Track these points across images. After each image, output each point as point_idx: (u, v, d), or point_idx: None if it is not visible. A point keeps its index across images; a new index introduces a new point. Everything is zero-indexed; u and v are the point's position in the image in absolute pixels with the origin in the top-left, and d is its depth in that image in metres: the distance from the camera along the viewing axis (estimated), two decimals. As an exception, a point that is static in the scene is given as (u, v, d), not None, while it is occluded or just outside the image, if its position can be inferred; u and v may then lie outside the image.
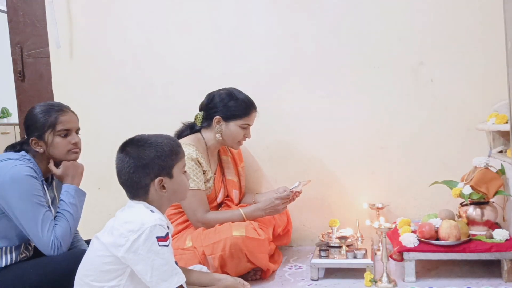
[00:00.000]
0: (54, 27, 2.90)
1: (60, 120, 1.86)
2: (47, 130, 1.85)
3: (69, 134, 1.89)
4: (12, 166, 1.76)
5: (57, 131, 1.86)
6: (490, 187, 2.20)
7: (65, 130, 1.88)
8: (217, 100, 2.38)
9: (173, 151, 1.58)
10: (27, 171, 1.77)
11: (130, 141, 1.59)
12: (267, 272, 2.23)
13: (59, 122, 1.86)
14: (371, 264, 2.14)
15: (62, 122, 1.87)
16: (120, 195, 1.80)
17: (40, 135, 1.85)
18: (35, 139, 1.85)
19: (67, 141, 1.88)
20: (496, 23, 2.32)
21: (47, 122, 1.85)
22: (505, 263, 2.05)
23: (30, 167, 1.79)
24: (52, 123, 1.85)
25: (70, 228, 1.82)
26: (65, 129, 1.88)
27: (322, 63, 2.69)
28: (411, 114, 2.63)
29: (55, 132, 1.86)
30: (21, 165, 1.77)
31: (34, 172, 1.79)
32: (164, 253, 1.47)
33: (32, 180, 1.77)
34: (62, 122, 1.87)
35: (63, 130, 1.87)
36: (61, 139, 1.87)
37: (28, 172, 1.77)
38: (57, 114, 1.87)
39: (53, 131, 1.85)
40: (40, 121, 1.85)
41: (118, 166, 1.57)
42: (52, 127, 1.85)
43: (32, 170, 1.79)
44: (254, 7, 2.74)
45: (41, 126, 1.84)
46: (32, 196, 1.75)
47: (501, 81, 2.23)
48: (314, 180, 2.50)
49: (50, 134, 1.85)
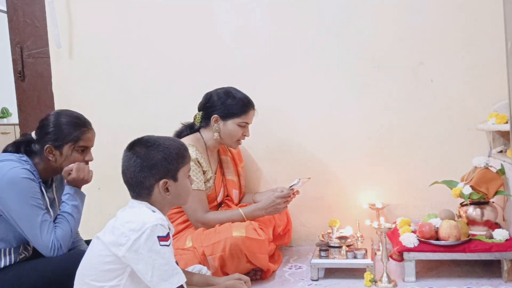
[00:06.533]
0: (54, 27, 2.89)
1: (83, 136, 1.87)
2: (67, 143, 1.84)
3: (86, 151, 1.90)
4: (9, 169, 1.74)
5: (77, 146, 1.86)
6: (490, 187, 2.20)
7: (84, 146, 1.88)
8: (214, 99, 2.38)
9: (180, 155, 1.59)
10: (24, 173, 1.75)
11: (138, 140, 1.59)
12: (267, 272, 2.23)
13: (82, 138, 1.86)
14: (371, 264, 2.14)
15: (84, 139, 1.87)
16: (120, 195, 1.80)
17: (58, 145, 1.84)
18: (50, 147, 1.83)
19: (82, 157, 1.89)
20: (496, 23, 2.32)
21: (71, 135, 1.84)
22: (505, 263, 2.05)
23: (27, 169, 1.77)
24: (75, 137, 1.85)
25: (71, 230, 1.83)
26: (85, 146, 1.89)
27: (322, 63, 2.69)
28: (411, 114, 2.63)
29: (76, 147, 1.86)
30: (17, 168, 1.75)
31: (31, 174, 1.78)
32: (165, 253, 1.47)
33: (29, 183, 1.76)
34: (84, 139, 1.87)
35: (83, 146, 1.88)
36: (78, 154, 1.87)
37: (25, 174, 1.75)
38: (81, 130, 1.87)
39: (74, 145, 1.85)
40: (64, 132, 1.84)
41: (124, 164, 1.57)
42: (74, 142, 1.85)
43: (29, 172, 1.78)
44: (254, 6, 2.74)
45: (63, 138, 1.83)
46: (30, 198, 1.74)
47: (501, 81, 2.23)
48: (314, 180, 2.49)
49: (70, 148, 1.85)
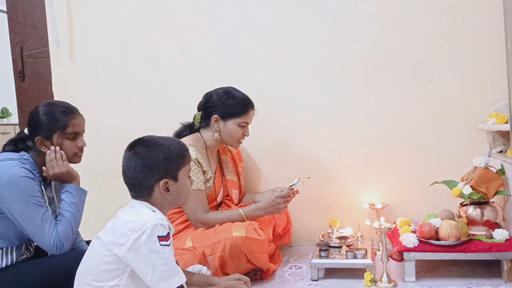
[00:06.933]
0: (54, 27, 2.89)
1: (70, 123, 1.85)
2: (56, 131, 1.83)
3: (76, 137, 1.89)
4: (8, 168, 1.74)
5: (66, 133, 1.85)
6: (490, 187, 2.20)
7: (74, 133, 1.87)
8: (214, 99, 2.37)
9: (180, 155, 1.59)
10: (23, 172, 1.75)
11: (139, 140, 1.59)
12: (267, 272, 2.23)
13: (69, 125, 1.85)
14: (371, 264, 2.14)
15: (72, 125, 1.86)
16: (120, 195, 1.80)
17: (47, 136, 1.83)
18: (41, 139, 1.83)
19: (74, 144, 1.88)
20: (496, 23, 2.32)
21: (57, 123, 1.83)
22: (505, 263, 2.05)
23: (26, 168, 1.77)
24: (62, 125, 1.84)
25: (72, 227, 1.82)
26: (75, 132, 1.87)
27: (322, 63, 2.69)
28: (411, 114, 2.63)
29: (64, 134, 1.85)
30: (17, 166, 1.75)
31: (30, 173, 1.77)
32: (165, 253, 1.47)
33: (28, 181, 1.75)
34: (72, 125, 1.86)
35: (72, 133, 1.86)
36: (69, 141, 1.86)
37: (24, 173, 1.75)
38: (68, 116, 1.85)
39: (62, 133, 1.84)
40: (50, 122, 1.83)
41: (124, 164, 1.57)
42: (62, 129, 1.84)
43: (28, 171, 1.77)
44: (253, 6, 2.74)
45: (50, 127, 1.82)
46: (30, 197, 1.74)
47: (501, 81, 2.23)
48: (314, 180, 2.49)
49: (59, 136, 1.84)
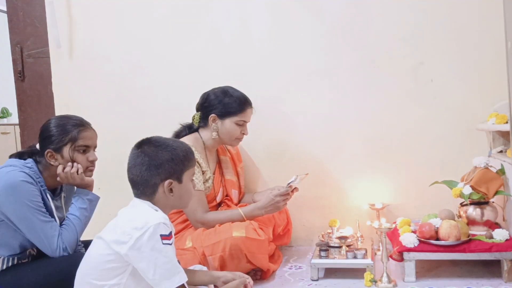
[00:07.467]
0: (54, 27, 2.89)
1: (81, 135, 1.84)
2: (66, 144, 1.82)
3: (87, 151, 1.87)
4: (6, 173, 1.72)
5: (77, 146, 1.83)
6: (490, 187, 2.20)
7: (85, 146, 1.86)
8: (212, 98, 2.38)
9: (186, 157, 1.61)
10: (22, 176, 1.73)
11: (147, 140, 1.61)
12: (267, 272, 2.23)
13: (80, 137, 1.83)
14: (371, 264, 2.14)
15: (83, 138, 1.84)
16: (121, 195, 1.80)
17: (57, 148, 1.81)
18: (51, 151, 1.81)
19: (85, 157, 1.87)
20: (496, 23, 2.32)
21: (68, 135, 1.82)
22: (505, 263, 2.05)
23: (25, 172, 1.74)
24: (72, 138, 1.82)
25: (77, 232, 1.82)
26: (85, 145, 1.86)
27: (322, 63, 2.69)
28: (411, 114, 2.63)
29: (75, 147, 1.83)
30: (15, 171, 1.73)
31: (29, 177, 1.74)
32: (168, 251, 1.48)
33: (27, 186, 1.72)
34: (83, 138, 1.84)
35: (83, 146, 1.85)
36: (80, 155, 1.85)
37: (22, 177, 1.72)
38: (79, 129, 1.84)
39: (73, 146, 1.83)
40: (61, 133, 1.81)
41: (131, 161, 1.59)
42: (73, 142, 1.82)
43: (27, 175, 1.74)
44: (253, 7, 2.74)
45: (61, 139, 1.81)
46: (29, 201, 1.72)
47: (501, 81, 2.23)
48: (314, 180, 2.49)
49: (70, 149, 1.82)
